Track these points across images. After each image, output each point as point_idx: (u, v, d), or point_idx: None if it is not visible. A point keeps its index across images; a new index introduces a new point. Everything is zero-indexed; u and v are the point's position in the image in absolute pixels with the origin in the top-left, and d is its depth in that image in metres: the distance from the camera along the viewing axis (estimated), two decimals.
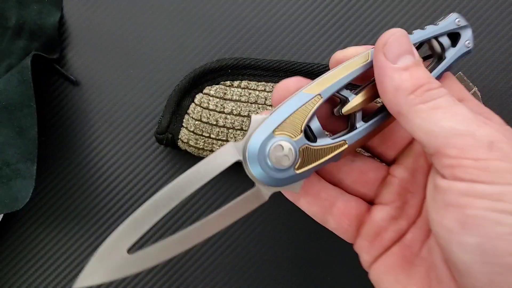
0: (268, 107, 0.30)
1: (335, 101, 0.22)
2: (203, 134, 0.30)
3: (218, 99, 0.30)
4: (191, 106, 0.30)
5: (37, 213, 0.33)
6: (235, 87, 0.30)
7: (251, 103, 0.30)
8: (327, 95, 0.21)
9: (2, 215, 0.31)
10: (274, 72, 0.31)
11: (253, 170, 0.20)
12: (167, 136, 0.30)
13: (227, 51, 0.34)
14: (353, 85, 0.22)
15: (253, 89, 0.30)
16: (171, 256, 0.21)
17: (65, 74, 0.33)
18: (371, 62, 0.21)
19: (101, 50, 0.34)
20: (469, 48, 0.22)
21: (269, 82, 0.31)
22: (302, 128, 0.20)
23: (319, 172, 0.23)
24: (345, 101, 0.21)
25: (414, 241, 0.22)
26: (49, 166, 0.33)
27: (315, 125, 0.21)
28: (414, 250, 0.22)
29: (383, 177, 0.23)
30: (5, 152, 0.28)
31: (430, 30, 0.22)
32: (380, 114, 0.21)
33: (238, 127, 0.30)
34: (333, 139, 0.21)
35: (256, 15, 0.34)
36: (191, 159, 0.33)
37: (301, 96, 0.21)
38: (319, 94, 0.21)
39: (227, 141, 0.30)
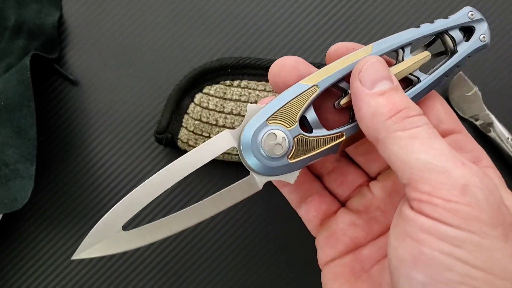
0: None
1: (339, 94, 0.22)
2: (203, 134, 0.30)
3: (218, 99, 0.30)
4: (190, 105, 0.30)
5: (37, 213, 0.32)
6: (235, 86, 0.30)
7: (251, 102, 0.30)
8: (324, 86, 0.21)
9: (1, 215, 0.31)
10: None
11: (247, 158, 0.20)
12: (167, 136, 0.30)
13: (227, 51, 0.34)
14: None
15: (253, 89, 0.30)
16: (164, 236, 0.21)
17: (64, 74, 0.33)
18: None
19: (101, 49, 0.34)
20: (484, 43, 0.22)
21: (269, 82, 0.30)
22: (297, 118, 0.20)
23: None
24: (344, 93, 0.21)
25: (369, 258, 0.22)
26: (48, 166, 0.33)
27: (311, 115, 0.21)
28: (365, 266, 0.22)
29: (360, 184, 0.24)
30: (4, 152, 0.28)
31: (439, 24, 0.21)
32: None
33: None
34: (329, 130, 0.21)
35: (256, 15, 0.34)
36: None
37: (297, 86, 0.21)
38: (316, 85, 0.21)
39: None
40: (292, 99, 0.20)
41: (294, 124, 0.20)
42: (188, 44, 0.34)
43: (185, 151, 0.31)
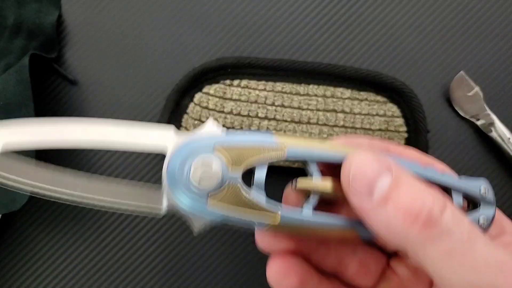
0: (268, 107, 0.30)
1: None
2: None
3: (217, 99, 0.30)
4: (190, 105, 0.30)
5: (36, 214, 0.32)
6: (235, 86, 0.30)
7: (251, 102, 0.30)
8: (292, 155, 0.18)
9: (0, 216, 0.31)
10: (274, 71, 0.30)
11: (171, 164, 0.17)
12: None
13: (227, 50, 0.34)
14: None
15: (253, 88, 0.30)
16: (37, 192, 0.18)
17: (64, 74, 0.33)
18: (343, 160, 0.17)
19: (100, 49, 0.34)
20: (482, 228, 0.18)
21: (269, 81, 0.30)
22: (245, 166, 0.17)
23: (317, 266, 0.21)
24: (307, 175, 0.18)
25: None
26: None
27: (260, 175, 0.18)
28: None
29: (383, 268, 0.21)
30: None
31: (445, 179, 0.18)
32: (337, 217, 0.18)
33: (238, 127, 0.30)
34: (268, 201, 0.17)
35: (256, 14, 0.34)
36: None
37: (268, 137, 0.18)
38: (285, 148, 0.18)
39: None
40: (253, 144, 0.17)
41: (238, 168, 0.17)
42: (187, 44, 0.34)
43: None
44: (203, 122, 0.30)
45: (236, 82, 0.30)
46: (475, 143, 0.33)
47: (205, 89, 0.30)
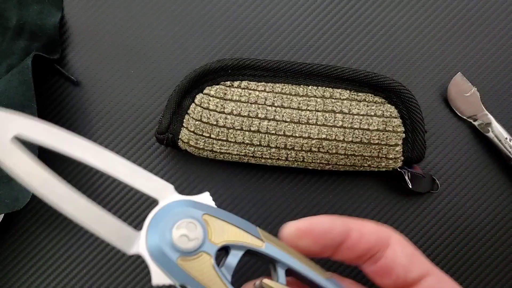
0: (267, 107, 0.30)
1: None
2: (203, 134, 0.30)
3: (218, 99, 0.30)
4: (191, 106, 0.30)
5: (38, 213, 0.33)
6: (235, 87, 0.31)
7: (251, 103, 0.30)
8: (269, 251, 0.18)
9: (3, 215, 0.31)
10: (274, 72, 0.31)
11: (157, 215, 0.18)
12: (168, 136, 0.31)
13: (227, 52, 0.34)
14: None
15: (253, 89, 0.30)
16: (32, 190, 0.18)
17: (66, 75, 0.33)
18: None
19: (102, 50, 0.34)
20: None
21: (269, 83, 0.31)
22: (224, 243, 0.18)
23: None
24: (271, 273, 0.19)
25: None
26: (49, 166, 0.33)
27: (233, 259, 0.18)
28: None
29: None
30: None
31: None
32: None
33: (238, 127, 0.30)
34: (231, 284, 0.18)
35: (256, 16, 0.34)
36: (191, 159, 0.33)
37: (253, 227, 0.19)
38: (265, 242, 0.18)
39: (227, 141, 0.30)
40: (238, 225, 0.18)
41: (217, 242, 0.18)
42: (188, 45, 0.34)
43: (185, 151, 0.31)
44: (204, 122, 0.30)
45: (236, 83, 0.31)
46: (473, 144, 0.33)
47: (206, 90, 0.31)
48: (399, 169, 0.31)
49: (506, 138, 0.31)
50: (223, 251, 0.18)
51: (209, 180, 0.33)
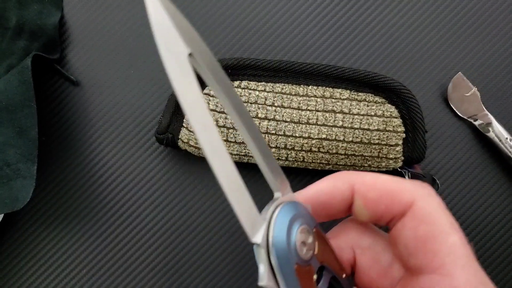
0: (267, 107, 0.30)
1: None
2: None
3: (218, 99, 0.30)
4: None
5: (38, 213, 0.33)
6: (235, 87, 0.31)
7: (251, 103, 0.30)
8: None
9: (3, 215, 0.31)
10: (274, 72, 0.31)
11: (282, 211, 0.16)
12: (168, 136, 0.31)
13: (227, 51, 0.34)
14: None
15: (253, 89, 0.30)
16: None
17: (66, 74, 0.33)
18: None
19: (102, 50, 0.34)
20: None
21: (269, 82, 0.31)
22: (323, 263, 0.17)
23: None
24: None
25: None
26: (49, 166, 0.33)
27: (323, 285, 0.17)
28: None
29: None
30: (5, 152, 0.28)
31: None
32: None
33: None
34: None
35: (256, 16, 0.34)
36: (191, 159, 0.33)
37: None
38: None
39: (227, 141, 0.30)
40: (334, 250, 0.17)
41: (319, 260, 0.17)
42: None
43: (185, 151, 0.31)
44: None
45: (236, 83, 0.31)
46: (473, 143, 0.33)
47: (206, 90, 0.31)
48: (399, 169, 0.31)
49: (507, 138, 0.31)
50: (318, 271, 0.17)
51: (209, 180, 0.33)
